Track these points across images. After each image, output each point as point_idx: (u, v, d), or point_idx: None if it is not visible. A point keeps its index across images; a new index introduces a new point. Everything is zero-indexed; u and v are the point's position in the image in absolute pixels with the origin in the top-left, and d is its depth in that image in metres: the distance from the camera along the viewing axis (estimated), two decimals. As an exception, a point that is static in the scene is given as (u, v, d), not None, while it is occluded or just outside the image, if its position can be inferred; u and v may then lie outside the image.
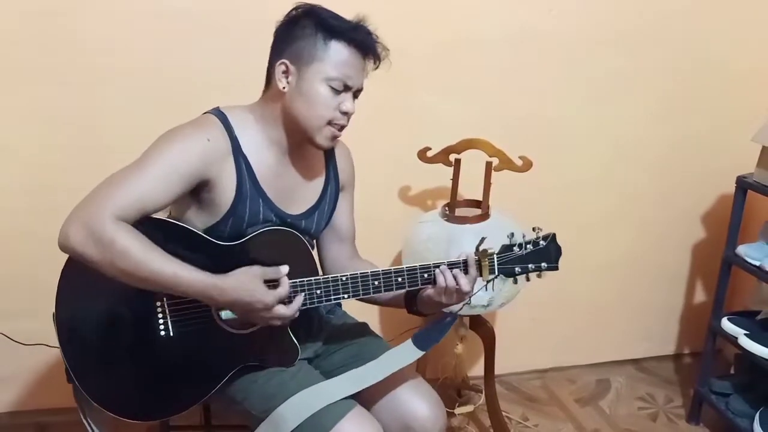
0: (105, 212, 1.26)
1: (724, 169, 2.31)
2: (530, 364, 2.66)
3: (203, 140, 1.36)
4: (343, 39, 1.37)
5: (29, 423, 2.25)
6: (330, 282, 1.43)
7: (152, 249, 1.29)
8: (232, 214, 1.41)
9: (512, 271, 1.49)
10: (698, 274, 2.69)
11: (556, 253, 1.52)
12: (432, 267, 1.44)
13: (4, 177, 2.03)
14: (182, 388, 1.47)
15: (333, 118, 1.40)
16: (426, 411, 1.49)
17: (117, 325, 1.42)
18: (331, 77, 1.37)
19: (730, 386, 2.30)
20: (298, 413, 1.37)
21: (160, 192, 1.32)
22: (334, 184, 1.60)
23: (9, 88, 1.98)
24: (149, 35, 1.99)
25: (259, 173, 1.44)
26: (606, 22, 2.29)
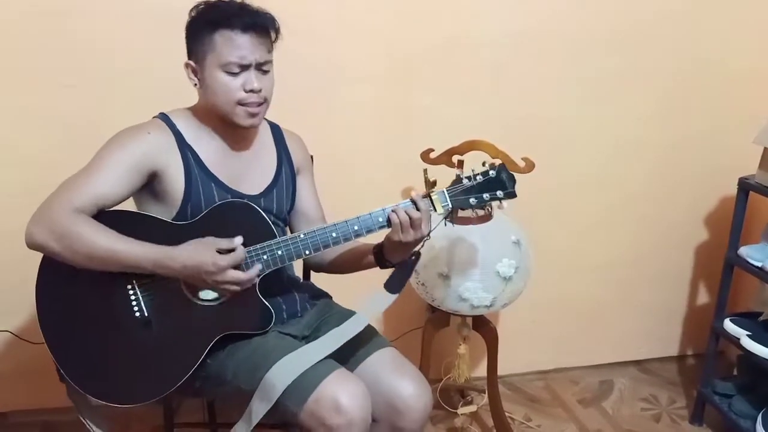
0: (63, 208, 1.40)
1: (726, 170, 2.32)
2: (533, 365, 2.66)
3: (144, 134, 1.50)
4: (223, 26, 1.45)
5: (35, 422, 2.27)
6: (289, 240, 1.48)
7: (106, 231, 1.41)
8: (188, 200, 1.51)
9: (466, 202, 1.52)
10: (700, 275, 2.69)
11: (509, 181, 1.54)
12: (382, 210, 1.50)
13: (8, 176, 2.06)
14: (166, 367, 1.51)
15: (241, 98, 1.48)
16: (409, 389, 1.52)
17: (94, 314, 1.49)
18: (223, 63, 1.46)
19: (732, 387, 2.30)
20: (285, 376, 1.41)
21: (113, 186, 1.45)
22: (287, 165, 1.68)
23: (11, 87, 2.00)
24: (150, 35, 2.01)
25: (207, 160, 1.54)
26: (607, 23, 2.30)
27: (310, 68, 2.12)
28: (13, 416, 2.29)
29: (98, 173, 1.44)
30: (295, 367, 1.42)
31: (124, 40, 2.01)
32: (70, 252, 1.39)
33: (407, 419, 1.51)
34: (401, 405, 1.50)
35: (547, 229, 2.41)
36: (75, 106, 2.04)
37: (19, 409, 2.28)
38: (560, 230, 2.46)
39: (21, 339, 2.14)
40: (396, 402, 1.51)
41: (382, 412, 1.52)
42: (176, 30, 2.00)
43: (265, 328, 1.52)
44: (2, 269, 2.11)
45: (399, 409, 1.50)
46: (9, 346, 2.16)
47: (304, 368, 1.42)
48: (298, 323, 1.65)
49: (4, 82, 1.99)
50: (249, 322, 1.51)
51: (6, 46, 1.96)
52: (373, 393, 1.50)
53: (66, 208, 1.40)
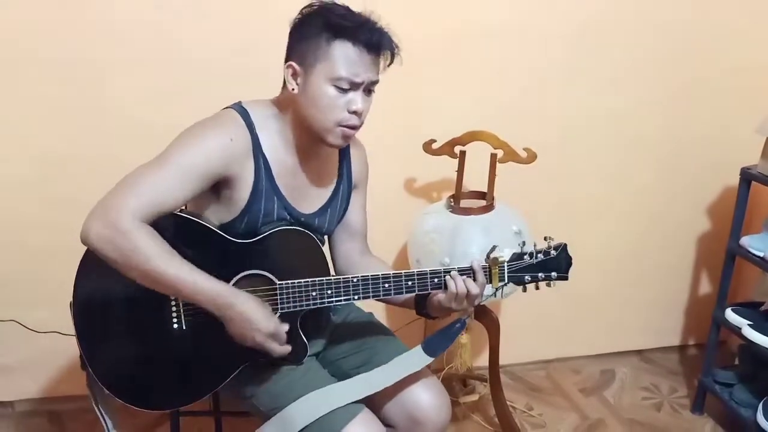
0: (126, 211, 1.28)
1: (729, 160, 2.32)
2: (535, 355, 2.68)
3: (226, 140, 1.37)
4: (346, 37, 1.35)
5: (42, 410, 2.28)
6: (341, 283, 1.44)
7: (171, 254, 1.31)
8: (247, 211, 1.43)
9: (522, 279, 1.50)
10: (703, 265, 2.70)
11: (566, 264, 1.52)
12: (443, 272, 1.45)
13: (16, 168, 2.07)
14: (191, 381, 1.49)
15: (342, 119, 1.39)
16: (430, 401, 1.50)
17: (131, 315, 1.45)
18: (335, 77, 1.36)
19: (733, 376, 2.31)
20: (307, 414, 1.40)
21: (180, 190, 1.34)
22: (346, 184, 1.61)
23: (18, 79, 2.00)
24: (156, 26, 2.01)
25: (276, 172, 1.45)
26: (612, 14, 2.30)
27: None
28: (19, 405, 2.30)
29: (165, 175, 1.32)
30: (319, 407, 1.40)
31: (131, 31, 2.01)
32: (124, 264, 1.30)
33: (426, 430, 1.50)
34: (421, 416, 1.49)
35: (549, 219, 2.40)
36: (83, 97, 2.04)
37: (25, 398, 2.30)
38: (562, 220, 2.46)
39: (27, 329, 2.15)
40: (415, 413, 1.49)
41: (401, 420, 1.51)
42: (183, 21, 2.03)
43: (297, 363, 1.49)
44: (10, 259, 2.13)
45: (418, 419, 1.49)
46: (15, 336, 2.18)
47: (328, 410, 1.39)
48: (320, 337, 1.62)
49: (12, 73, 2.00)
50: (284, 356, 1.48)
51: (15, 38, 1.97)
52: (393, 400, 1.51)
53: (130, 215, 1.28)
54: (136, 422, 2.20)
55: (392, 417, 1.51)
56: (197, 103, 1.54)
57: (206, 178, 1.37)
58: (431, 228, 2.03)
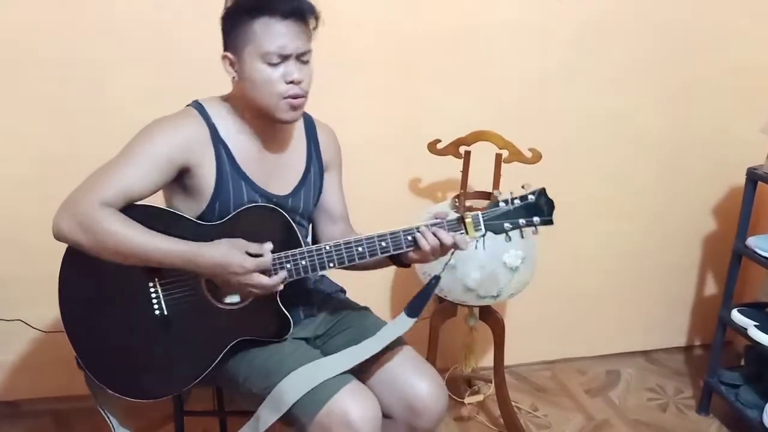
0: (91, 201, 1.37)
1: (735, 160, 2.32)
2: (540, 355, 2.67)
3: (179, 128, 1.46)
4: (264, 13, 1.40)
5: (47, 410, 2.29)
6: (314, 252, 1.45)
7: (134, 225, 1.38)
8: (216, 198, 1.48)
9: (500, 227, 1.47)
10: (708, 265, 2.69)
11: (548, 207, 1.49)
12: (414, 230, 1.45)
13: (17, 167, 2.07)
14: (180, 366, 1.51)
15: (283, 91, 1.43)
16: (427, 389, 1.51)
17: (115, 308, 1.49)
18: (263, 53, 1.40)
19: (739, 377, 2.31)
20: (297, 388, 1.41)
21: (142, 180, 1.41)
22: (317, 163, 1.64)
23: (19, 79, 2.01)
24: (156, 26, 2.02)
25: (239, 157, 1.50)
26: (614, 14, 2.30)
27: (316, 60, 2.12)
28: (24, 404, 2.31)
29: (128, 166, 1.41)
30: (309, 380, 1.41)
31: (131, 31, 2.02)
32: (96, 245, 1.37)
33: (424, 419, 1.50)
34: (419, 405, 1.50)
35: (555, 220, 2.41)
36: (83, 97, 2.05)
37: (30, 397, 2.31)
38: (568, 220, 2.44)
39: (33, 328, 2.16)
40: (413, 402, 1.50)
41: (399, 410, 1.51)
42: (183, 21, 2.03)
43: (281, 337, 1.51)
44: (15, 260, 2.14)
45: (416, 409, 1.50)
46: (21, 335, 2.19)
47: (318, 382, 1.41)
48: (312, 323, 1.64)
49: (13, 73, 2.01)
50: (266, 329, 1.51)
51: (19, 39, 1.98)
52: (390, 391, 1.51)
53: (94, 201, 1.36)
54: (141, 422, 2.20)
55: (390, 407, 1.51)
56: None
57: (166, 165, 1.43)
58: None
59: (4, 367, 2.25)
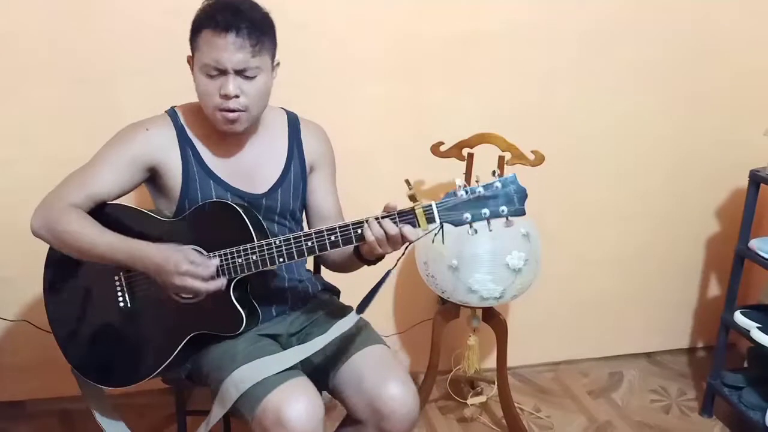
0: (57, 201, 1.48)
1: (738, 163, 2.32)
2: (543, 357, 2.68)
3: (142, 130, 1.53)
4: (204, 26, 1.43)
5: (53, 410, 2.31)
6: (264, 247, 1.45)
7: (92, 225, 1.46)
8: (185, 196, 1.54)
9: (459, 219, 1.33)
10: (711, 267, 2.69)
11: (518, 195, 1.33)
12: (364, 221, 1.38)
13: (26, 169, 2.09)
14: (143, 356, 1.58)
15: (218, 104, 1.45)
16: (395, 392, 1.45)
17: (86, 299, 1.60)
18: (202, 65, 1.44)
19: (742, 379, 2.30)
20: (241, 384, 1.41)
21: (106, 180, 1.50)
22: (298, 163, 1.63)
23: (28, 85, 2.03)
24: (165, 33, 2.03)
25: (207, 157, 1.55)
26: (621, 18, 2.30)
27: (320, 63, 2.14)
28: (31, 405, 2.33)
29: (95, 169, 1.50)
30: (252, 376, 1.41)
31: (140, 38, 2.03)
32: (59, 243, 1.47)
33: (391, 423, 1.45)
34: (384, 408, 1.45)
35: (558, 222, 2.42)
36: (92, 104, 2.07)
37: (37, 397, 2.32)
38: (571, 223, 2.46)
39: (39, 329, 2.17)
40: (379, 405, 1.45)
41: (367, 413, 1.48)
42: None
43: (234, 333, 1.51)
44: (21, 260, 2.15)
45: (382, 412, 1.45)
46: (27, 336, 2.20)
47: (260, 378, 1.39)
48: (284, 320, 1.63)
49: (23, 79, 2.03)
50: (219, 325, 1.52)
51: (26, 44, 1.99)
52: (358, 393, 1.48)
53: (61, 202, 1.47)
54: (145, 423, 2.21)
55: (357, 410, 1.50)
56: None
57: (129, 166, 1.51)
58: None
59: (10, 368, 2.27)
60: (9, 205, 2.09)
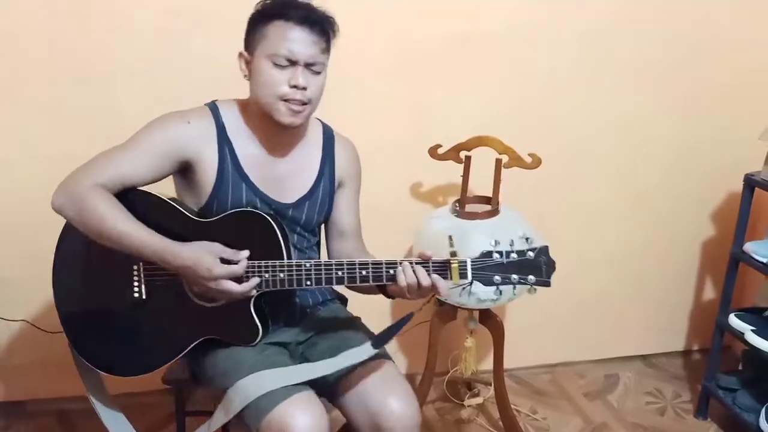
0: (87, 179, 1.42)
1: (733, 166, 2.33)
2: (539, 359, 2.69)
3: (183, 123, 1.49)
4: (279, 17, 1.44)
5: (51, 410, 2.32)
6: (294, 267, 1.45)
7: (119, 210, 1.41)
8: (215, 196, 1.51)
9: (489, 278, 1.40)
10: (707, 270, 2.71)
11: (547, 268, 1.41)
12: (397, 263, 1.42)
13: (27, 170, 2.10)
14: (150, 350, 1.56)
15: (284, 93, 1.44)
16: (396, 407, 1.45)
17: (98, 284, 1.56)
18: (272, 53, 1.43)
19: (737, 381, 2.32)
20: (246, 394, 1.40)
21: (139, 168, 1.45)
22: (328, 179, 1.63)
23: (30, 84, 2.04)
24: (165, 33, 2.05)
25: (244, 159, 1.52)
26: (618, 20, 2.32)
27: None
28: (30, 405, 2.34)
29: (129, 153, 1.45)
30: (258, 387, 1.40)
31: (142, 38, 2.05)
32: (82, 222, 1.42)
33: None
34: (385, 423, 1.44)
35: (554, 224, 2.43)
36: (94, 103, 2.08)
37: (36, 397, 2.34)
38: (567, 225, 2.47)
39: (38, 329, 2.19)
40: (380, 420, 1.45)
41: (367, 427, 1.47)
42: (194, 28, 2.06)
43: (248, 344, 1.51)
44: (22, 261, 2.16)
45: (383, 427, 1.44)
46: (26, 336, 2.21)
47: (265, 390, 1.39)
48: (292, 329, 1.63)
49: (25, 79, 2.04)
50: (234, 334, 1.51)
51: (28, 45, 2.01)
52: (360, 407, 1.48)
53: (89, 180, 1.41)
54: (144, 422, 2.22)
55: (359, 423, 1.49)
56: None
57: (163, 156, 1.47)
58: (436, 232, 2.05)
59: (10, 368, 2.28)
60: (9, 206, 2.11)
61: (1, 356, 2.22)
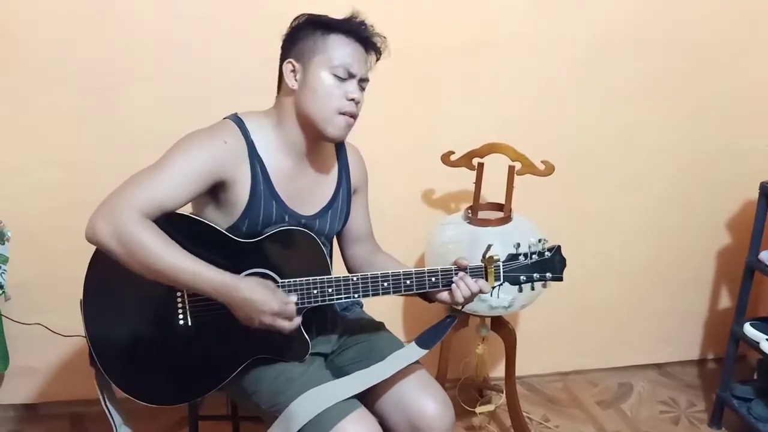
0: (129, 209, 1.35)
1: (748, 174, 2.32)
2: (552, 367, 2.68)
3: (220, 142, 1.45)
4: (339, 31, 1.46)
5: (65, 413, 2.33)
6: (341, 281, 1.48)
7: (172, 246, 1.37)
8: (247, 214, 1.48)
9: (517, 279, 1.57)
10: (722, 279, 2.69)
11: (560, 265, 1.60)
12: (439, 272, 1.51)
13: (41, 175, 2.12)
14: (196, 377, 1.53)
15: (341, 106, 1.46)
16: (433, 409, 1.50)
17: (138, 311, 1.50)
18: (333, 65, 1.45)
19: (752, 391, 2.30)
20: (307, 410, 1.41)
21: (178, 191, 1.40)
22: (346, 186, 1.65)
23: (41, 90, 2.07)
24: (174, 40, 2.07)
25: (274, 175, 1.51)
26: (629, 27, 2.31)
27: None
28: (43, 407, 2.35)
29: (167, 177, 1.39)
30: (319, 402, 1.41)
31: (150, 45, 2.07)
32: (129, 257, 1.35)
33: None
34: (423, 425, 1.48)
35: (568, 232, 2.41)
36: (104, 108, 2.10)
37: (49, 400, 2.35)
38: (581, 233, 2.46)
39: (53, 332, 2.20)
40: (418, 421, 1.49)
41: (404, 429, 1.51)
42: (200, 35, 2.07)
43: (299, 360, 1.53)
44: (36, 265, 2.18)
45: (420, 428, 1.49)
46: (41, 339, 2.22)
47: (328, 404, 1.40)
48: (327, 340, 1.64)
49: (36, 84, 2.06)
50: (285, 351, 1.52)
51: (40, 50, 2.03)
52: (397, 410, 1.51)
53: (133, 211, 1.35)
54: (155, 425, 2.23)
55: (394, 424, 1.52)
56: (214, 113, 1.58)
57: (203, 178, 1.43)
58: (449, 239, 2.05)
59: (24, 370, 2.29)
60: (23, 211, 2.12)
61: (16, 359, 2.24)
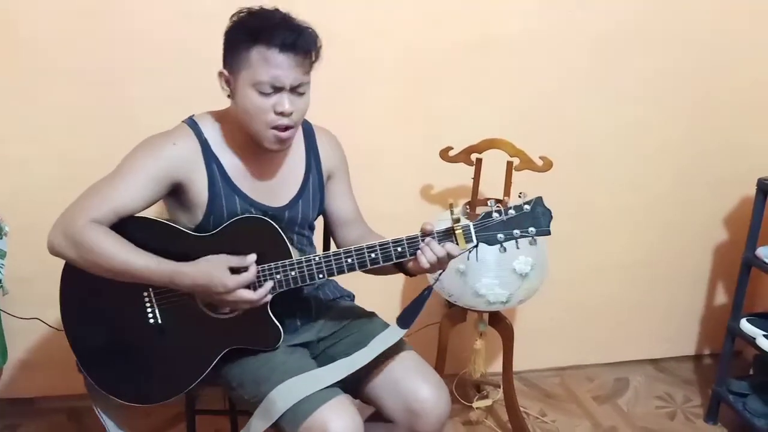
0: (81, 217, 1.40)
1: (746, 171, 2.32)
2: (549, 362, 2.69)
3: (169, 145, 1.47)
4: (263, 42, 1.39)
5: (62, 408, 2.33)
6: (303, 263, 1.46)
7: (122, 243, 1.41)
8: (211, 212, 1.50)
9: (493, 238, 1.43)
10: (718, 275, 2.70)
11: (544, 217, 1.43)
12: (405, 241, 1.44)
13: (43, 171, 2.12)
14: (174, 373, 1.55)
15: (271, 121, 1.43)
16: (429, 393, 1.51)
17: (111, 317, 1.54)
18: (257, 81, 1.40)
19: (747, 386, 2.31)
20: (286, 398, 1.41)
21: (132, 195, 1.44)
22: (316, 173, 1.63)
23: (44, 85, 2.06)
24: (178, 37, 2.06)
25: (232, 172, 1.52)
26: (630, 25, 2.31)
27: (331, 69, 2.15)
28: (39, 402, 2.35)
29: (119, 183, 1.44)
30: (299, 390, 1.42)
31: (152, 40, 2.06)
32: (85, 261, 1.41)
33: (425, 423, 1.50)
34: (419, 408, 1.49)
35: (566, 228, 2.41)
36: (106, 104, 2.10)
37: (47, 395, 2.35)
38: (579, 229, 2.47)
39: (50, 327, 2.20)
40: (414, 405, 1.50)
41: (401, 414, 1.52)
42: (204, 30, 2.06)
43: (272, 347, 1.52)
44: (35, 259, 2.16)
45: (417, 412, 1.49)
46: (38, 334, 2.22)
47: (308, 392, 1.41)
48: (311, 328, 1.64)
49: (39, 80, 2.05)
50: (257, 339, 1.52)
51: (41, 46, 2.02)
52: (392, 395, 1.52)
53: (84, 218, 1.40)
54: (150, 421, 2.23)
55: (391, 411, 1.53)
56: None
57: (156, 181, 1.45)
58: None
59: (22, 365, 2.29)
60: (24, 205, 2.12)
61: (14, 353, 2.23)
